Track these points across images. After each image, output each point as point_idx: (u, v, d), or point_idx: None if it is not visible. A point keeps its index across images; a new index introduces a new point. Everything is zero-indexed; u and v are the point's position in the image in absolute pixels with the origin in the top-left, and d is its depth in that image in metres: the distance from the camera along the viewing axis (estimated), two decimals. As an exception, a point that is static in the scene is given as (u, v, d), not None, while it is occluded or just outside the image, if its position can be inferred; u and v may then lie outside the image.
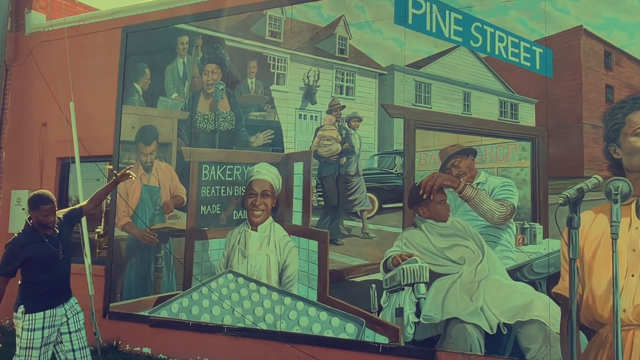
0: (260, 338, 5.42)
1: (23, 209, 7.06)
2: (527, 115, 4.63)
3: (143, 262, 6.21)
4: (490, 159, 4.73)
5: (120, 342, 6.25)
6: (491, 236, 4.60)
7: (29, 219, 3.90)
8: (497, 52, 4.78)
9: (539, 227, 4.47)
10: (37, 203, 3.83)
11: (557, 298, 4.26)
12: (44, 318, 3.81)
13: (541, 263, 4.38)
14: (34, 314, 3.78)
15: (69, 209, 4.29)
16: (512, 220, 4.56)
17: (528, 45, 4.62)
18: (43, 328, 3.79)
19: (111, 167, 6.65)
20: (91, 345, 4.55)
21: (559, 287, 4.26)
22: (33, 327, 3.76)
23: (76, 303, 4.07)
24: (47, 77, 7.12)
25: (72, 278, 4.14)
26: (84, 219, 5.74)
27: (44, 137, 7.29)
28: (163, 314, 5.97)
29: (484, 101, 4.80)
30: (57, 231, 3.96)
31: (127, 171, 4.30)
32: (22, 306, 3.81)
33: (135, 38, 6.66)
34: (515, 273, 4.47)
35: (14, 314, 3.85)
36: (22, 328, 3.77)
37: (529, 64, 4.62)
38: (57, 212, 3.96)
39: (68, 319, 3.96)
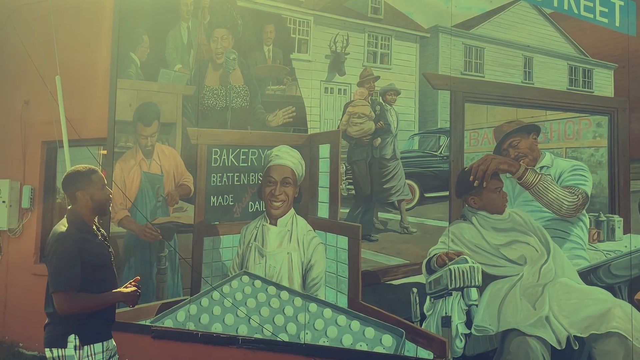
0: (280, 351, 5.43)
1: (3, 201, 7.13)
2: (603, 84, 4.56)
3: (144, 263, 6.24)
4: (557, 138, 4.68)
5: (117, 356, 6.27)
6: (559, 231, 4.54)
7: (70, 209, 3.36)
8: (566, 7, 4.72)
9: (618, 220, 4.42)
10: (86, 175, 3.33)
11: (641, 306, 4.23)
12: (103, 352, 3.30)
13: (621, 264, 4.32)
14: (92, 346, 3.24)
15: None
16: (584, 211, 4.51)
17: (605, -3, 4.60)
18: None
19: (105, 152, 6.67)
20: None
21: (644, 293, 4.24)
22: None
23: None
24: (29, 47, 7.15)
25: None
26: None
27: (26, 117, 7.39)
28: (167, 323, 6.01)
29: (549, 67, 4.75)
30: (103, 232, 3.53)
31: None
32: (74, 336, 3.20)
33: (130, -1, 6.67)
34: (589, 276, 4.41)
35: (55, 350, 3.22)
36: None
37: (606, 21, 4.57)
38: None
39: (110, 357, 3.45)
